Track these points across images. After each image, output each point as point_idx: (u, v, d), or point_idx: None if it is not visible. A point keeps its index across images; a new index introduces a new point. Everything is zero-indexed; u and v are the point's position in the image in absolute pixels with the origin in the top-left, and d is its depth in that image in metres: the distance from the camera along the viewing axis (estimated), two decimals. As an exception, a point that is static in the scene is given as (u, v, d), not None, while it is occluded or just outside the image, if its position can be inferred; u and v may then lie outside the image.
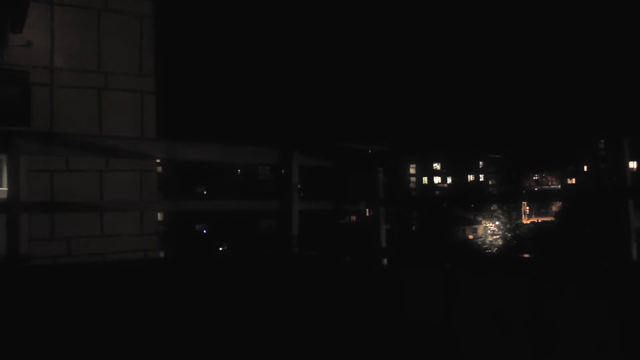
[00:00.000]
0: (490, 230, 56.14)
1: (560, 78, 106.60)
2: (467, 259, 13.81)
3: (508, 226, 53.06)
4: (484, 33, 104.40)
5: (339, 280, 4.74)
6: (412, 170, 77.75)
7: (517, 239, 51.24)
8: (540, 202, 75.23)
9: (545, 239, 44.63)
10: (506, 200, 44.45)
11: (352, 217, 52.10)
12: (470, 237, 57.95)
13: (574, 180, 74.61)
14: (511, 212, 53.37)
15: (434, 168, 79.03)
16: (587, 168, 70.42)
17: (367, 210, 6.27)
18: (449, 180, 77.65)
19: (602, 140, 65.64)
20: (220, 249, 48.25)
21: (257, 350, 3.96)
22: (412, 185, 76.42)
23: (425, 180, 78.24)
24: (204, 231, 50.25)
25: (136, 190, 7.18)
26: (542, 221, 61.47)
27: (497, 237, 54.00)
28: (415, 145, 74.40)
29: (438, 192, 73.83)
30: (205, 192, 55.83)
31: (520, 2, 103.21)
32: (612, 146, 4.19)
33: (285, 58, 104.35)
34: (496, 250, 51.53)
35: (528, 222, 63.23)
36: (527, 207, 71.05)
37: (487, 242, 54.75)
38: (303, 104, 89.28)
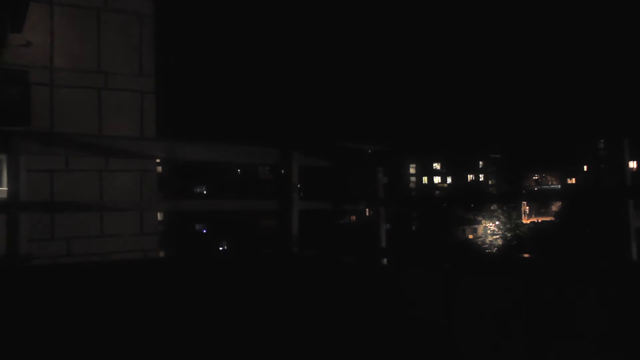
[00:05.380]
0: (490, 230, 56.18)
1: (561, 77, 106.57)
2: (467, 259, 13.81)
3: (508, 226, 53.09)
4: (484, 32, 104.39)
5: (339, 280, 4.74)
6: (412, 170, 77.72)
7: (517, 238, 51.27)
8: (540, 202, 75.14)
9: (545, 239, 44.62)
10: (506, 200, 44.45)
11: (352, 217, 52.07)
12: (470, 237, 57.93)
13: (574, 180, 74.56)
14: (511, 212, 53.42)
15: (434, 168, 78.98)
16: (587, 168, 70.39)
17: (367, 210, 6.28)
18: (449, 180, 77.59)
19: (602, 140, 65.67)
20: (220, 248, 48.25)
21: (257, 350, 3.96)
22: (412, 185, 76.39)
23: (425, 180, 78.20)
24: (204, 231, 50.24)
25: (136, 190, 7.18)
26: (542, 221, 61.42)
27: (497, 237, 54.04)
28: (415, 145, 74.39)
29: (438, 192, 73.77)
30: (205, 192, 55.83)
31: (520, 2, 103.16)
32: (612, 146, 4.20)
33: (285, 57, 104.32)
34: (496, 250, 51.55)
35: (528, 222, 63.20)
36: (527, 207, 71.02)
37: (487, 242, 54.78)
38: (303, 103, 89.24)
